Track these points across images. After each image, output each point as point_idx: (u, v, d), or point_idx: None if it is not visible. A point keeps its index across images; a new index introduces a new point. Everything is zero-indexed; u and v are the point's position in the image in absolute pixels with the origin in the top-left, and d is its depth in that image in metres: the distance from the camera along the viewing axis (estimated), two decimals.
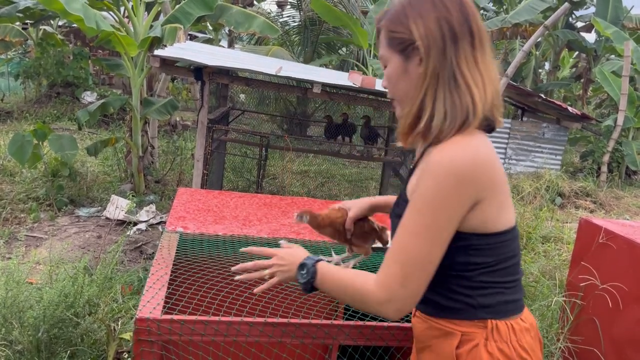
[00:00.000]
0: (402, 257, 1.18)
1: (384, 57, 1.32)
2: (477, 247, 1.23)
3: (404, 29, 1.25)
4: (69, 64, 12.04)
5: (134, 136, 6.53)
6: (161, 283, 1.88)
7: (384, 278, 1.20)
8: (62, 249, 4.52)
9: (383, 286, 1.20)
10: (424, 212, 1.17)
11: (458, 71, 1.20)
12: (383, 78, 1.36)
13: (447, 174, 1.15)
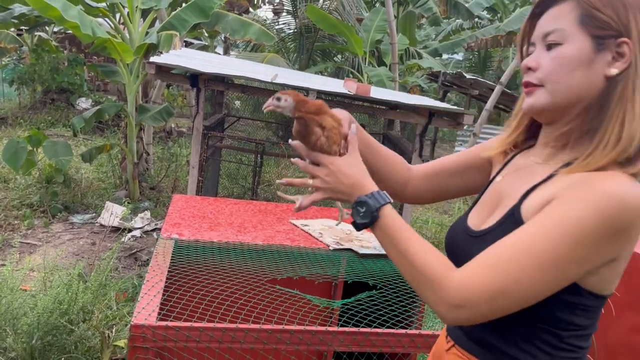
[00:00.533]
0: (505, 274, 0.95)
1: (561, 32, 1.05)
2: (585, 307, 1.03)
3: (615, 15, 1.01)
4: (63, 70, 12.04)
5: (129, 143, 6.53)
6: (156, 290, 1.88)
7: (470, 282, 0.96)
8: (56, 255, 4.50)
9: (466, 290, 0.96)
10: (559, 240, 0.93)
11: None
12: (542, 57, 1.08)
13: (614, 211, 0.91)
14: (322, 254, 2.40)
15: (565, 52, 1.04)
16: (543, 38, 1.08)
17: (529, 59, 1.09)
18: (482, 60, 16.99)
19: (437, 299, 0.99)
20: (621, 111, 1.01)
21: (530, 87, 1.08)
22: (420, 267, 1.01)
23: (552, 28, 1.06)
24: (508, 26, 13.34)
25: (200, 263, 2.18)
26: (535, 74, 1.07)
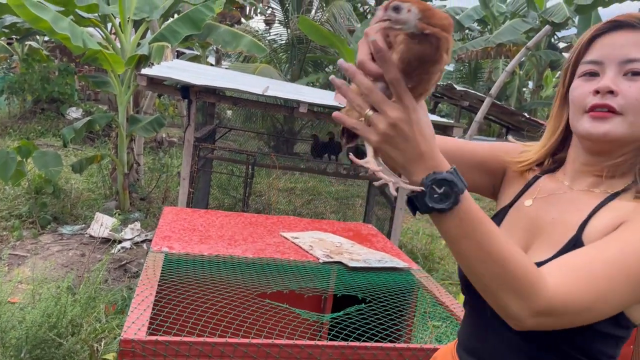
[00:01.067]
0: (598, 290, 0.90)
1: None
2: (619, 338, 1.02)
3: None
4: (54, 80, 12.01)
5: (120, 153, 6.52)
6: (146, 304, 1.88)
7: (566, 292, 0.89)
8: (45, 267, 4.47)
9: (561, 300, 0.88)
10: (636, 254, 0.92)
11: None
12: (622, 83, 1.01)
13: None
14: (312, 267, 2.42)
15: None
16: (623, 63, 1.01)
17: (609, 82, 1.00)
18: (473, 71, 17.15)
19: (522, 304, 0.87)
20: None
21: (607, 113, 1.01)
22: (511, 267, 0.86)
23: (638, 56, 1.00)
24: (498, 38, 13.47)
25: (190, 276, 2.18)
26: (617, 100, 1.00)
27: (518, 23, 13.82)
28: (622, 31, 1.03)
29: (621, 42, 1.02)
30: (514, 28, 13.62)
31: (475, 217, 0.86)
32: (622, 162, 1.05)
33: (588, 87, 1.04)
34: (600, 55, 1.04)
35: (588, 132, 1.03)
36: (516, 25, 13.71)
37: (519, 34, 13.61)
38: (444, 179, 0.83)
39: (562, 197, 1.11)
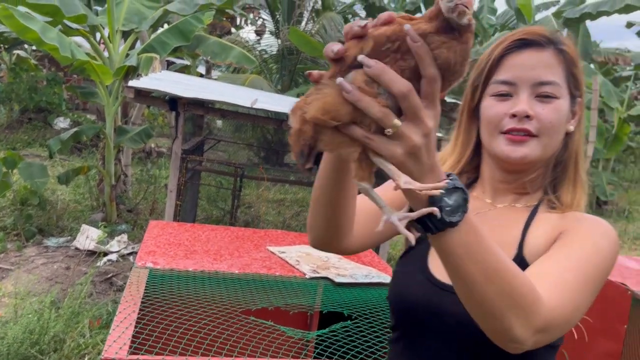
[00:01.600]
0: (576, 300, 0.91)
1: (557, 86, 1.05)
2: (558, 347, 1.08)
3: (579, 77, 1.10)
4: (42, 89, 11.94)
5: (107, 164, 6.47)
6: (129, 321, 1.85)
7: (560, 305, 0.87)
8: (29, 281, 4.41)
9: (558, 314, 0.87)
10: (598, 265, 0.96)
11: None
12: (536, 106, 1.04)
13: (616, 239, 1.02)
14: (299, 282, 2.39)
15: (563, 108, 1.06)
16: (535, 85, 1.05)
17: (527, 107, 1.03)
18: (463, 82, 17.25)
19: (524, 323, 0.81)
20: (579, 161, 1.11)
21: (525, 137, 1.04)
22: (517, 283, 0.81)
23: (550, 79, 1.05)
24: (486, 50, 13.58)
25: (174, 293, 2.15)
26: (532, 123, 1.04)
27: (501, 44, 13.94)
28: (531, 50, 1.06)
29: (532, 63, 1.05)
30: None
31: (479, 230, 0.80)
32: (535, 178, 1.11)
33: (502, 108, 1.06)
34: (513, 76, 1.06)
35: (507, 156, 1.05)
36: None
37: None
38: (455, 187, 0.76)
39: (488, 215, 1.12)
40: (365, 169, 0.75)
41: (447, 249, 0.78)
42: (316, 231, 1.07)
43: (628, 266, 3.42)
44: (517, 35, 1.08)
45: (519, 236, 1.06)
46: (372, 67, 0.68)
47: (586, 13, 12.76)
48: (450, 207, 0.75)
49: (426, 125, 0.70)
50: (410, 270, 1.13)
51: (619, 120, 10.91)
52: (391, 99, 0.69)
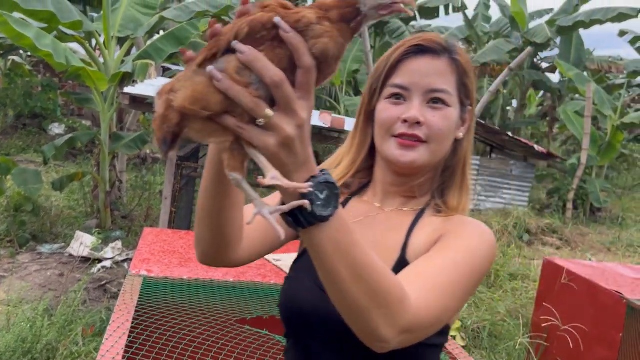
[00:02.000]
0: (444, 300, 0.93)
1: (449, 95, 1.09)
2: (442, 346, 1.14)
3: (472, 85, 1.15)
4: (37, 95, 11.90)
5: (102, 171, 6.44)
6: (122, 331, 1.84)
7: (427, 306, 0.89)
8: (22, 288, 4.37)
9: (424, 314, 0.88)
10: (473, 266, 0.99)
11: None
12: (428, 113, 1.08)
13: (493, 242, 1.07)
14: None
15: (453, 116, 1.09)
16: (427, 92, 1.07)
17: (419, 114, 1.06)
18: None
19: (391, 322, 0.82)
20: (466, 167, 1.16)
21: (415, 142, 1.07)
22: (384, 282, 0.81)
23: (442, 87, 1.08)
24: (482, 57, 13.66)
25: (168, 301, 2.14)
26: (423, 129, 1.07)
27: (502, 43, 14.04)
28: (426, 57, 1.09)
29: (426, 70, 1.08)
30: (497, 48, 13.84)
31: (349, 228, 0.79)
32: (424, 182, 1.14)
33: (396, 111, 1.08)
34: (407, 81, 1.08)
35: (396, 159, 1.08)
36: (500, 45, 13.92)
37: (502, 53, 13.82)
38: (326, 181, 0.75)
39: (377, 219, 1.14)
40: (238, 160, 0.73)
41: (316, 245, 0.77)
42: (203, 245, 1.02)
43: (622, 274, 3.43)
44: (414, 41, 1.10)
45: (403, 239, 1.09)
46: (244, 54, 0.67)
47: (579, 21, 12.86)
48: (322, 201, 0.74)
49: (299, 117, 0.69)
50: (300, 277, 1.12)
51: (613, 127, 10.96)
52: (264, 88, 0.67)
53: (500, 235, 8.01)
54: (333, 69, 0.71)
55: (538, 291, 3.78)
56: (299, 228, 0.76)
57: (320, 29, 0.67)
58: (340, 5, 0.70)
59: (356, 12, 0.70)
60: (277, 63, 0.66)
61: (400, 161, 1.07)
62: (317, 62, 0.68)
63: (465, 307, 4.70)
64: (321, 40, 0.67)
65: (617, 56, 16.37)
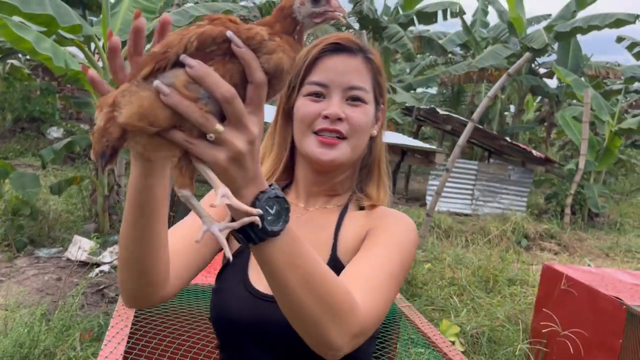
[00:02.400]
0: (384, 298, 0.95)
1: (366, 92, 1.11)
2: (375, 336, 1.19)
3: (384, 86, 1.19)
4: (35, 99, 11.89)
5: (100, 175, 6.43)
6: (121, 336, 1.83)
7: (372, 310, 0.90)
8: (19, 292, 4.36)
9: (370, 319, 0.89)
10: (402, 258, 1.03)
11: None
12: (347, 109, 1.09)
13: (416, 236, 1.12)
14: None
15: (370, 113, 1.13)
16: (347, 89, 1.10)
17: (338, 110, 1.08)
18: (456, 94, 17.39)
19: (340, 330, 0.82)
20: (382, 163, 1.20)
21: (335, 139, 1.08)
22: (335, 291, 0.82)
23: (360, 85, 1.10)
24: (480, 63, 13.70)
25: (167, 307, 2.13)
26: (343, 125, 1.08)
27: (500, 48, 14.08)
28: (344, 55, 1.11)
29: (345, 68, 1.10)
30: (495, 53, 13.88)
31: (300, 239, 0.80)
32: (345, 179, 1.17)
33: (316, 107, 1.09)
34: (326, 79, 1.09)
35: (317, 158, 1.09)
36: (498, 51, 13.97)
37: (500, 59, 13.87)
38: (276, 196, 0.75)
39: (302, 219, 1.15)
40: (186, 175, 0.71)
41: (268, 259, 0.77)
42: (129, 289, 0.95)
43: (622, 279, 3.43)
44: (332, 39, 1.12)
45: (332, 238, 1.11)
46: (193, 68, 0.65)
47: (577, 27, 12.91)
48: (272, 216, 0.74)
49: (250, 132, 0.68)
50: (230, 286, 1.10)
51: (610, 133, 10.99)
52: (214, 103, 0.66)
53: (498, 240, 8.01)
54: (284, 83, 0.72)
55: (537, 297, 3.77)
56: (250, 244, 0.75)
57: (273, 45, 0.68)
58: (279, 19, 0.71)
59: (294, 22, 0.71)
60: (228, 78, 0.66)
61: (321, 159, 1.09)
62: (269, 77, 0.68)
63: (464, 312, 4.69)
64: (275, 56, 0.68)
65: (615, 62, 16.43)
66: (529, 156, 10.69)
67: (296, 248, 0.79)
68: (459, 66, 14.87)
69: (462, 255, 6.72)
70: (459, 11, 14.43)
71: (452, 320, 4.37)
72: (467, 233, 8.41)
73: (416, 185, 14.31)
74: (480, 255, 6.68)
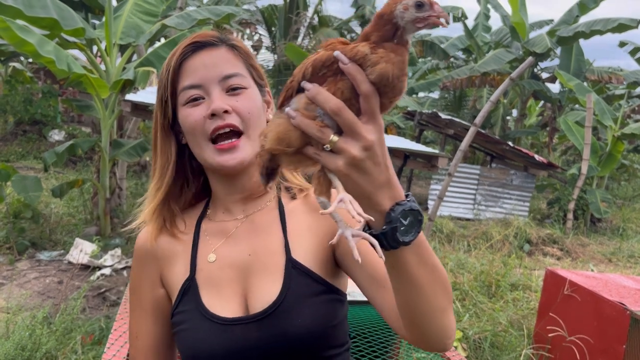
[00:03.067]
0: None
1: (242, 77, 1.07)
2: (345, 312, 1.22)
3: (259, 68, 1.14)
4: (37, 102, 11.91)
5: (102, 178, 6.43)
6: (124, 340, 1.82)
7: None
8: (21, 295, 4.35)
9: None
10: None
11: None
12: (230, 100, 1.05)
13: None
14: None
15: (255, 96, 1.07)
16: (222, 80, 1.04)
17: (221, 103, 1.01)
18: (458, 99, 17.38)
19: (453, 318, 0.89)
20: None
21: (233, 142, 1.02)
22: (448, 281, 0.87)
23: (233, 71, 1.05)
24: (482, 67, 13.68)
25: None
26: (233, 117, 1.03)
27: (502, 53, 14.08)
28: (206, 51, 1.05)
29: (212, 62, 1.05)
30: (498, 58, 13.87)
31: (424, 239, 0.83)
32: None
33: (199, 112, 1.03)
34: (198, 78, 1.04)
35: (222, 165, 1.03)
36: (500, 55, 13.96)
37: (503, 63, 13.86)
38: (411, 208, 0.77)
39: (239, 233, 1.09)
40: (324, 185, 0.81)
41: (399, 263, 0.81)
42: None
43: (625, 285, 3.41)
44: (188, 41, 1.06)
45: (282, 240, 1.06)
46: (309, 90, 0.73)
47: (580, 32, 12.90)
48: (405, 227, 0.76)
49: (365, 139, 0.72)
50: (192, 323, 1.04)
51: (613, 138, 10.96)
52: (329, 118, 0.73)
53: (501, 245, 7.98)
54: (398, 88, 0.74)
55: (540, 302, 3.75)
56: (382, 249, 0.78)
57: (376, 57, 0.72)
58: (378, 27, 0.74)
59: (395, 27, 0.73)
60: (339, 94, 0.73)
61: (227, 166, 1.03)
62: (377, 87, 0.72)
63: (467, 317, 4.67)
64: (377, 67, 0.71)
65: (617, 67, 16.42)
66: (531, 161, 10.67)
67: (425, 249, 0.82)
68: (461, 70, 14.86)
69: (464, 260, 6.70)
70: (461, 15, 14.44)
71: None
72: (469, 238, 8.39)
73: (418, 189, 14.29)
74: (482, 260, 6.66)
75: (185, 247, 1.11)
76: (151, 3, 6.55)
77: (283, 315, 0.99)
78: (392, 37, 0.73)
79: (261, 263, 1.05)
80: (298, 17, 11.74)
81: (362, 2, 13.43)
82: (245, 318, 1.00)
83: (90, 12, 8.54)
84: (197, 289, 1.06)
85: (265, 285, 1.02)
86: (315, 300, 1.01)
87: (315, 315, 1.00)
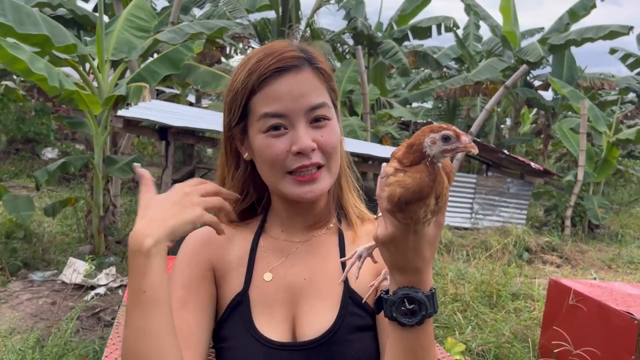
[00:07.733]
0: None
1: (327, 107, 1.01)
2: None
3: (336, 89, 1.08)
4: (30, 120, 11.83)
5: (95, 195, 6.34)
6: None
7: None
8: (13, 318, 4.24)
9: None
10: None
11: None
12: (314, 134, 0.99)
13: None
14: None
15: (336, 127, 1.03)
16: (308, 112, 0.97)
17: (309, 140, 0.96)
18: (451, 108, 17.39)
19: None
20: (347, 169, 1.13)
21: (314, 173, 0.98)
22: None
23: (320, 101, 0.99)
24: (476, 76, 13.71)
25: None
26: (317, 154, 0.98)
27: (495, 62, 14.12)
28: (290, 75, 0.97)
29: (299, 90, 0.97)
30: (491, 66, 13.91)
31: (428, 335, 0.87)
32: (327, 202, 1.11)
33: (281, 145, 0.97)
34: (282, 107, 0.96)
35: (301, 197, 1.00)
36: (493, 64, 14.00)
37: (496, 72, 13.89)
38: (416, 298, 0.83)
39: (297, 255, 1.07)
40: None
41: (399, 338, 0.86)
42: None
43: (631, 293, 3.35)
44: (272, 65, 0.97)
45: (337, 267, 1.05)
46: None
47: (571, 40, 12.96)
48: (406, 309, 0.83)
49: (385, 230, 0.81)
50: (237, 342, 1.01)
51: (608, 144, 10.97)
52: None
53: (500, 254, 7.92)
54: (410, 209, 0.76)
55: (544, 313, 3.68)
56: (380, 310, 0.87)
57: (392, 179, 0.77)
58: (409, 153, 0.78)
59: (423, 155, 0.77)
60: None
61: (306, 198, 1.00)
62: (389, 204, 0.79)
63: (469, 329, 4.59)
64: (388, 189, 0.78)
65: (609, 73, 16.50)
66: (527, 168, 10.64)
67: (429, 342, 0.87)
68: (454, 80, 14.89)
69: (464, 270, 6.62)
70: (452, 25, 14.49)
71: (457, 337, 4.26)
72: (467, 247, 8.32)
73: None
74: (482, 270, 6.59)
75: (239, 260, 1.07)
76: (143, 18, 6.51)
77: (335, 347, 0.96)
78: (420, 161, 0.77)
79: (316, 289, 1.03)
80: (291, 30, 11.73)
81: (354, 15, 13.47)
82: (294, 345, 0.97)
83: (82, 29, 8.50)
84: (249, 306, 1.03)
85: (318, 312, 1.00)
86: (367, 334, 0.99)
87: (366, 351, 0.98)
